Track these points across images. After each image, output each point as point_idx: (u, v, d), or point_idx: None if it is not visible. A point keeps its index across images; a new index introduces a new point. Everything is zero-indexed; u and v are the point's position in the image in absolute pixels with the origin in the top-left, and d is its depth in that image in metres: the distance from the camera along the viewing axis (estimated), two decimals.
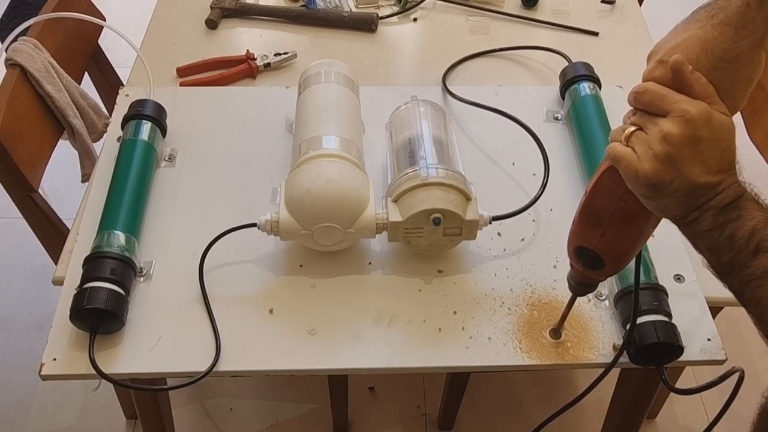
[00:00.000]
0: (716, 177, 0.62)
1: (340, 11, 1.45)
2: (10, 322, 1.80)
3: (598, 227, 0.72)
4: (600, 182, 0.70)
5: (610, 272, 0.77)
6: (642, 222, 0.70)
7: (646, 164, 0.62)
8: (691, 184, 0.61)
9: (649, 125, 0.63)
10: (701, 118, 0.60)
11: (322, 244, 0.96)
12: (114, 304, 0.88)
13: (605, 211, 0.70)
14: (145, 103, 1.12)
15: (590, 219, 0.72)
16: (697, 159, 0.61)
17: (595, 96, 1.16)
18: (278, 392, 1.68)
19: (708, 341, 0.92)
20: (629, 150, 0.63)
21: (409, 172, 0.95)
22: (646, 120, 0.63)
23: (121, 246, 0.94)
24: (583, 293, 0.84)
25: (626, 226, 0.71)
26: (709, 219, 0.62)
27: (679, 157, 0.61)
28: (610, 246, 0.73)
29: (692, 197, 0.62)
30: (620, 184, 0.67)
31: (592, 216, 0.72)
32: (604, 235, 0.72)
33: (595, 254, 0.74)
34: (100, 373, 0.87)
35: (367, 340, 0.92)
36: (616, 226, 0.71)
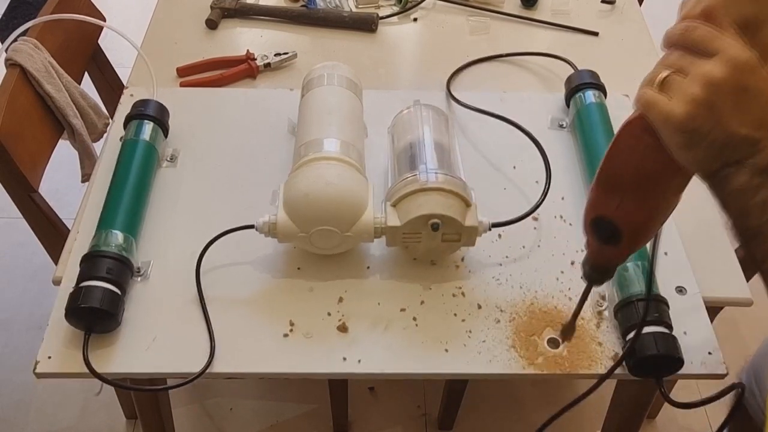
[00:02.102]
0: (758, 132, 0.57)
1: (340, 11, 1.45)
2: (10, 322, 1.81)
3: (617, 193, 0.68)
4: (620, 139, 0.65)
5: (629, 247, 0.72)
6: (664, 185, 0.66)
7: (683, 107, 0.57)
8: (729, 135, 0.57)
9: (690, 67, 0.58)
10: (750, 66, 0.56)
11: (320, 247, 0.96)
12: (109, 304, 0.88)
13: (624, 173, 0.66)
14: (147, 104, 1.12)
15: (608, 184, 0.68)
16: (739, 109, 0.56)
17: (600, 104, 1.15)
18: (278, 392, 1.68)
19: (709, 355, 0.91)
20: (663, 96, 0.59)
21: (409, 176, 0.95)
22: (687, 61, 0.58)
23: (118, 245, 0.94)
24: (599, 280, 0.79)
25: (647, 191, 0.67)
26: (744, 177, 0.58)
27: (721, 104, 0.56)
28: (629, 214, 0.68)
29: (729, 150, 0.58)
30: (642, 140, 0.63)
31: (611, 180, 0.68)
32: (622, 201, 0.68)
33: (613, 225, 0.70)
34: (94, 372, 0.87)
35: (363, 345, 0.91)
36: (635, 190, 0.67)
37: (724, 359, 0.91)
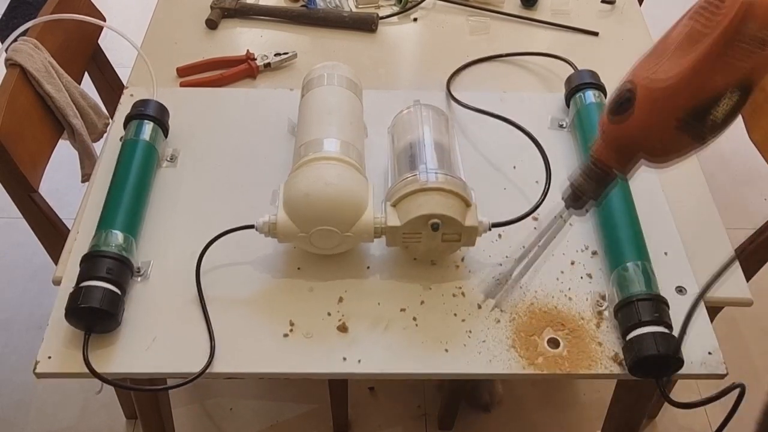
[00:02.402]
0: None
1: (340, 11, 1.45)
2: (10, 322, 1.81)
3: (661, 56, 0.70)
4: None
5: (637, 120, 0.72)
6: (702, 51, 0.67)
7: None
8: None
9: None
10: None
11: (320, 247, 0.96)
12: (109, 304, 0.88)
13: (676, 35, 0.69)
14: (147, 104, 1.12)
15: (658, 49, 0.71)
16: None
17: (600, 104, 1.15)
18: (278, 392, 1.68)
19: (709, 355, 0.91)
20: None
21: (409, 176, 0.95)
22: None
23: (118, 245, 0.94)
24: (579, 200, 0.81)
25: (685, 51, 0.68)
26: None
27: None
28: (655, 76, 0.70)
29: None
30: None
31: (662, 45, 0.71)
32: (658, 65, 0.70)
33: (632, 91, 0.71)
34: (94, 372, 0.87)
35: (363, 345, 0.91)
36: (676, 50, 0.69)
37: (724, 359, 0.91)
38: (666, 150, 0.74)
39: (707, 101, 0.69)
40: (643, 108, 0.70)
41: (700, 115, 0.69)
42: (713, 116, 0.69)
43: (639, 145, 0.74)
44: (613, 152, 0.76)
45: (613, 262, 0.97)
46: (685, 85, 0.68)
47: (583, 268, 1.00)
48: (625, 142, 0.74)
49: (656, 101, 0.70)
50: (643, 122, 0.71)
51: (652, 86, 0.69)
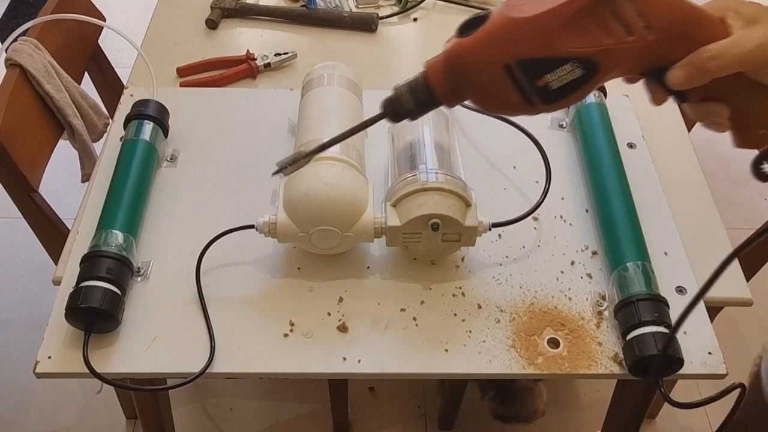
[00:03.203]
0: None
1: (340, 11, 1.45)
2: (10, 322, 1.81)
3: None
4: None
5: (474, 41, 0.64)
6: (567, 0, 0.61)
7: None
8: None
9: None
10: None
11: (320, 247, 0.96)
12: (109, 304, 0.88)
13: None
14: (147, 104, 1.12)
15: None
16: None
17: (600, 104, 1.15)
18: (278, 392, 1.68)
19: (709, 355, 0.91)
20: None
21: (409, 176, 0.95)
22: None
23: (118, 245, 0.94)
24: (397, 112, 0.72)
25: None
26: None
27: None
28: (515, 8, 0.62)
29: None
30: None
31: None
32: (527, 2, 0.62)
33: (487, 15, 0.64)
34: (94, 372, 0.87)
35: (363, 345, 0.91)
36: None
37: (724, 359, 0.91)
38: (489, 92, 0.65)
39: (546, 59, 0.62)
40: (486, 33, 0.63)
41: (533, 70, 0.62)
42: (546, 80, 0.62)
43: (468, 70, 0.65)
44: (445, 70, 0.67)
45: (613, 262, 0.97)
46: (532, 29, 0.61)
47: (583, 268, 1.00)
48: (458, 61, 0.66)
49: (499, 31, 0.63)
50: (480, 46, 0.64)
51: (505, 15, 0.62)
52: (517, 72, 0.62)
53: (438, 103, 0.69)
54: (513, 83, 0.63)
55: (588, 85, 0.63)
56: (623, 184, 1.04)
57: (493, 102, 0.66)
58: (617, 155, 1.09)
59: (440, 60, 0.67)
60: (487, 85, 0.64)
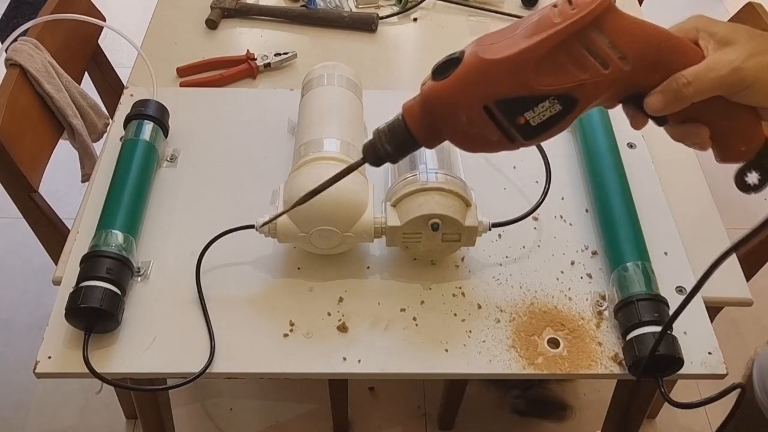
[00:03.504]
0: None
1: (340, 11, 1.45)
2: (10, 322, 1.81)
3: (508, 33, 0.63)
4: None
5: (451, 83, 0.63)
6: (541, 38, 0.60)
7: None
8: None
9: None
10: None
11: (320, 247, 0.96)
12: (109, 304, 0.88)
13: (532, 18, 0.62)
14: (147, 104, 1.12)
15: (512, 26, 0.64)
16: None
17: None
18: (278, 392, 1.68)
19: (709, 355, 0.91)
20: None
21: (409, 176, 0.95)
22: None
23: (118, 245, 0.94)
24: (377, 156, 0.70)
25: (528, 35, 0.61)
26: None
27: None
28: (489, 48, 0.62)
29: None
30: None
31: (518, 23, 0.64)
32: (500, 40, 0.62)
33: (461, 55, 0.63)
34: (94, 372, 0.87)
35: (363, 345, 0.92)
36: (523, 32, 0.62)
37: (724, 359, 0.91)
38: (469, 132, 0.65)
39: (525, 98, 0.62)
40: (461, 75, 0.63)
41: (512, 109, 0.62)
42: (526, 117, 0.62)
43: (446, 113, 0.65)
44: (422, 114, 0.66)
45: (613, 262, 0.97)
46: (507, 70, 0.61)
47: (583, 268, 1.00)
48: (435, 106, 0.65)
49: (475, 74, 0.62)
50: (457, 90, 0.63)
51: (481, 56, 0.62)
52: (496, 112, 0.63)
53: (417, 146, 0.69)
54: (493, 123, 0.63)
55: (568, 118, 0.63)
56: (623, 184, 1.04)
57: (474, 142, 0.66)
58: (617, 155, 1.09)
59: (417, 103, 0.66)
60: (467, 126, 0.64)
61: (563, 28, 0.60)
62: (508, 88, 0.62)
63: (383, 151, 0.70)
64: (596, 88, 0.62)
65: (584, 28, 0.60)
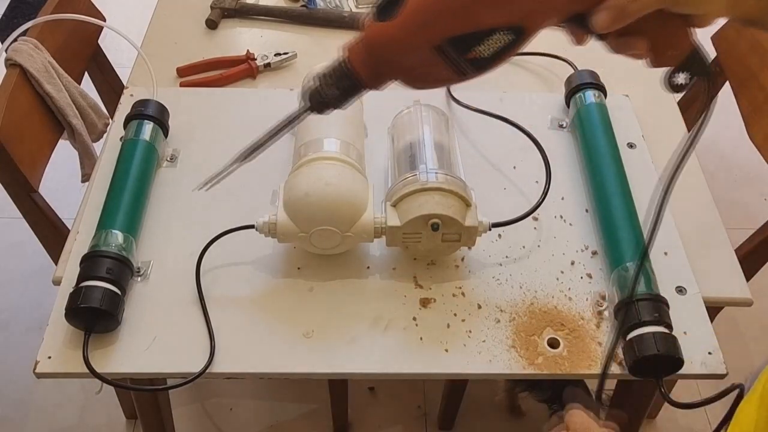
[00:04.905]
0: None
1: (340, 11, 1.45)
2: (10, 322, 1.81)
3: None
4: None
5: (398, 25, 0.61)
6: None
7: None
8: None
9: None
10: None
11: (320, 247, 0.96)
12: (109, 304, 0.88)
13: None
14: (147, 104, 1.12)
15: None
16: None
17: (600, 104, 1.15)
18: (278, 392, 1.68)
19: (709, 355, 0.91)
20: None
21: (409, 176, 0.95)
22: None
23: (118, 245, 0.94)
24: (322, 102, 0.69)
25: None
26: None
27: None
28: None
29: None
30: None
31: None
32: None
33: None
34: (94, 372, 0.87)
35: (363, 345, 0.91)
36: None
37: (724, 359, 0.91)
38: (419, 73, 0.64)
39: (475, 33, 0.60)
40: (410, 14, 0.60)
41: (463, 45, 0.60)
42: (477, 51, 0.61)
43: (393, 56, 0.63)
44: (368, 56, 0.65)
45: (613, 262, 0.97)
46: (458, 6, 0.59)
47: (583, 268, 1.00)
48: (382, 49, 0.63)
49: (425, 14, 0.60)
50: (404, 31, 0.61)
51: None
52: (448, 50, 0.61)
53: (363, 89, 0.67)
54: (444, 61, 0.62)
55: (517, 46, 0.62)
56: (623, 184, 1.04)
57: (425, 80, 0.65)
58: (617, 155, 1.09)
59: (361, 45, 0.64)
60: (417, 65, 0.63)
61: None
62: (458, 25, 0.60)
63: (328, 97, 0.68)
64: (544, 13, 0.61)
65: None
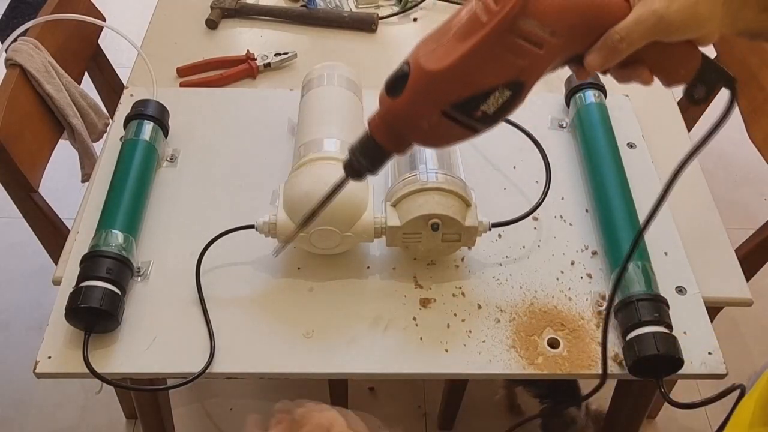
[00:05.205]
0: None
1: (340, 11, 1.45)
2: (10, 322, 1.81)
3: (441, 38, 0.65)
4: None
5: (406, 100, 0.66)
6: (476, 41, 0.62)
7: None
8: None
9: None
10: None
11: (320, 247, 0.96)
12: (109, 304, 0.88)
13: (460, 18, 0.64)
14: (147, 104, 1.12)
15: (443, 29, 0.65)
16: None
17: (600, 104, 1.15)
18: (278, 392, 1.68)
19: (709, 355, 0.91)
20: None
21: (409, 176, 0.95)
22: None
23: (118, 245, 0.94)
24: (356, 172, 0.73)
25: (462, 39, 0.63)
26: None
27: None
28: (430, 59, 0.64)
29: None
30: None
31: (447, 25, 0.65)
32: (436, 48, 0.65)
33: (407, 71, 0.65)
34: (94, 372, 0.87)
35: (363, 345, 0.92)
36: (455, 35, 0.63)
37: (724, 359, 0.91)
38: (434, 136, 0.69)
39: (476, 96, 0.65)
40: (413, 89, 0.65)
41: (467, 107, 0.65)
42: (482, 110, 0.65)
43: (408, 126, 0.68)
44: (386, 128, 0.70)
45: (613, 262, 0.97)
46: (454, 76, 0.64)
47: (583, 268, 1.00)
48: (396, 121, 0.69)
49: (426, 85, 0.65)
50: (412, 104, 0.66)
51: (425, 68, 0.64)
52: (454, 114, 0.66)
53: (391, 155, 0.72)
54: (453, 123, 0.67)
55: (520, 97, 0.66)
56: (623, 184, 1.04)
57: (442, 140, 0.70)
58: (617, 155, 1.09)
59: (379, 120, 0.69)
60: (431, 130, 0.68)
61: (493, 28, 0.62)
62: (458, 92, 0.65)
63: (361, 166, 0.73)
64: (538, 66, 0.64)
65: (512, 21, 0.62)
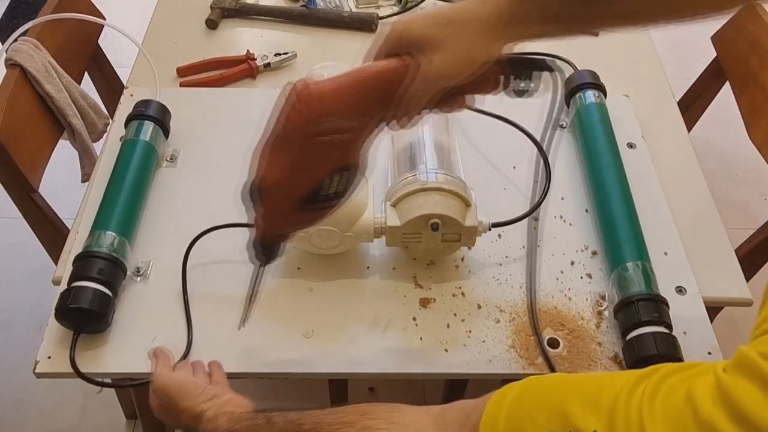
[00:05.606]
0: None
1: (340, 11, 1.45)
2: (10, 322, 1.81)
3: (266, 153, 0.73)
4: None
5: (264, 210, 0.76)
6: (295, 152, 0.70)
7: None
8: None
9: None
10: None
11: (320, 247, 0.96)
12: (99, 304, 0.88)
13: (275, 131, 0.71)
14: (148, 104, 1.12)
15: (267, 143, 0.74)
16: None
17: (600, 104, 1.15)
18: (278, 392, 1.68)
19: (709, 355, 0.91)
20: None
21: (409, 176, 0.95)
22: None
23: (110, 246, 0.94)
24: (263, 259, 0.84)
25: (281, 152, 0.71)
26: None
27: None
28: (265, 174, 0.73)
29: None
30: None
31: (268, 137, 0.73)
32: (265, 163, 0.73)
33: (257, 185, 0.75)
34: (79, 373, 0.88)
35: (363, 345, 0.92)
36: (274, 148, 0.72)
37: (723, 359, 0.90)
38: (307, 224, 0.80)
39: (314, 191, 0.73)
40: (266, 201, 0.74)
41: (312, 198, 0.73)
42: (326, 193, 0.73)
43: (280, 235, 0.80)
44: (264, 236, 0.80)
45: (613, 262, 0.97)
46: (289, 183, 0.72)
47: (583, 268, 1.00)
48: (270, 235, 0.79)
49: (272, 196, 0.74)
50: (270, 213, 0.76)
51: (266, 183, 0.73)
52: (306, 205, 0.74)
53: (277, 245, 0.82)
54: (312, 210, 0.75)
55: (359, 170, 0.74)
56: (623, 184, 1.04)
57: (313, 221, 0.80)
58: (617, 155, 1.09)
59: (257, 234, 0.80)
60: (301, 225, 0.80)
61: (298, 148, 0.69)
62: (297, 193, 0.73)
63: (263, 257, 0.83)
64: (355, 145, 0.71)
65: (304, 131, 0.68)
